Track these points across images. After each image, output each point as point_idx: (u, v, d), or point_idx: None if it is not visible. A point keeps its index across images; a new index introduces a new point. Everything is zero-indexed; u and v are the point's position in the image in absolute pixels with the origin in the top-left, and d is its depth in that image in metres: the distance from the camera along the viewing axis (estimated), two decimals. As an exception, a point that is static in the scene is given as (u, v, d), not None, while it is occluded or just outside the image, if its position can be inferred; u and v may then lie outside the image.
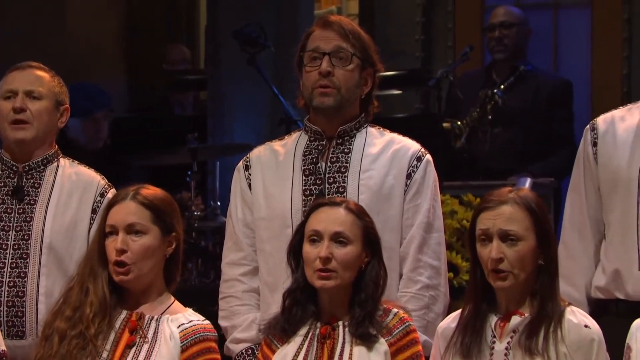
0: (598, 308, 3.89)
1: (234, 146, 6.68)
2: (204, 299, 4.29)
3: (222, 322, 3.85)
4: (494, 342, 3.42)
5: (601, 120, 3.95)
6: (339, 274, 3.43)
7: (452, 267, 5.49)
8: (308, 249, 3.47)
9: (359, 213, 3.49)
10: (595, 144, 3.91)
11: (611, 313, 3.83)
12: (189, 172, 6.47)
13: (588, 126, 3.96)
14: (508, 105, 6.91)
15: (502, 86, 6.96)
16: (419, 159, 3.82)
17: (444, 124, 6.92)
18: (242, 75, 6.73)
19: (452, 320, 3.53)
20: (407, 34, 8.28)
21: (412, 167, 3.80)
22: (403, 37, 8.28)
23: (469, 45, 7.21)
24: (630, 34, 7.71)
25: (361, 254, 3.47)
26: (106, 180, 4.10)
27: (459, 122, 6.91)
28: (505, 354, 3.39)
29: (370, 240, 3.48)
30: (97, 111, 6.72)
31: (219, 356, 3.61)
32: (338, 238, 3.45)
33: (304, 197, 3.77)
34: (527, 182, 6.26)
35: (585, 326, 3.39)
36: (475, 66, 7.58)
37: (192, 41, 8.64)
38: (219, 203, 6.55)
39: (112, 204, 3.61)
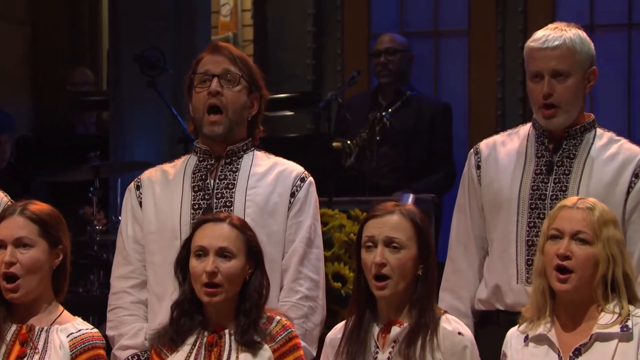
0: (482, 319, 3.91)
1: (135, 163, 6.61)
2: (105, 309, 4.22)
3: (110, 332, 3.81)
4: (377, 353, 3.43)
5: (484, 144, 3.98)
6: (225, 287, 3.42)
7: (340, 278, 5.50)
8: (194, 264, 3.45)
9: (242, 227, 3.49)
10: (478, 167, 3.95)
11: (493, 323, 3.87)
12: (91, 188, 6.42)
13: (472, 150, 3.99)
14: (394, 127, 6.96)
15: (389, 109, 7.01)
16: (303, 179, 3.83)
17: (335, 144, 6.95)
18: (143, 97, 6.67)
19: (338, 330, 3.53)
20: (299, 59, 8.30)
21: (296, 186, 3.81)
22: (295, 62, 8.30)
23: (356, 70, 7.26)
24: (504, 61, 7.82)
25: (245, 266, 3.46)
26: (9, 197, 4.03)
27: (349, 142, 6.95)
28: (388, 364, 3.40)
29: (253, 252, 3.48)
30: (1, 135, 6.64)
31: None
32: (223, 253, 3.44)
33: (192, 211, 3.76)
34: (410, 197, 6.30)
35: (459, 333, 3.41)
36: (362, 89, 7.63)
37: (95, 64, 8.56)
38: (120, 217, 6.47)
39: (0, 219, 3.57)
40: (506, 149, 3.93)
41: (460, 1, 8.04)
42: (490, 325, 3.87)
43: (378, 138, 6.96)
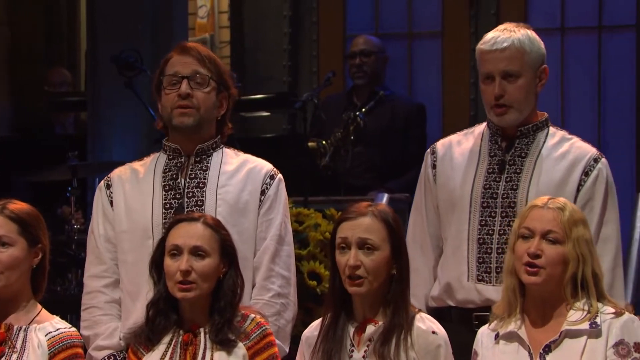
0: (434, 316, 3.90)
1: (113, 163, 6.57)
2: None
3: (85, 332, 3.77)
4: (352, 351, 3.42)
5: (440, 144, 4.00)
6: (199, 285, 3.41)
7: (315, 276, 5.50)
8: (169, 263, 3.44)
9: (216, 227, 3.48)
10: (434, 167, 3.95)
11: (446, 320, 3.86)
12: (69, 188, 6.40)
13: (429, 150, 4.00)
14: (368, 127, 6.98)
15: (363, 109, 7.03)
16: (272, 177, 3.81)
17: (310, 143, 6.96)
18: (120, 97, 6.65)
19: (314, 328, 3.52)
20: (275, 60, 8.31)
21: (266, 184, 3.79)
22: (271, 63, 8.31)
23: (331, 71, 7.28)
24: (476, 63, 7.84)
25: (219, 265, 3.45)
26: (-12, 197, 4.00)
27: (324, 142, 6.96)
28: (363, 362, 3.40)
29: (227, 251, 3.47)
30: None
31: None
32: (197, 252, 3.43)
33: (164, 211, 3.74)
34: (385, 197, 6.32)
35: (433, 332, 3.41)
36: (338, 90, 7.64)
37: (73, 65, 8.54)
38: (91, 217, 6.46)
39: None
40: (461, 148, 3.94)
41: (434, 4, 8.07)
42: (443, 322, 3.86)
43: (352, 138, 6.97)
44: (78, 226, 6.41)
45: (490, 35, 3.85)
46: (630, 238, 6.12)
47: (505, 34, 3.82)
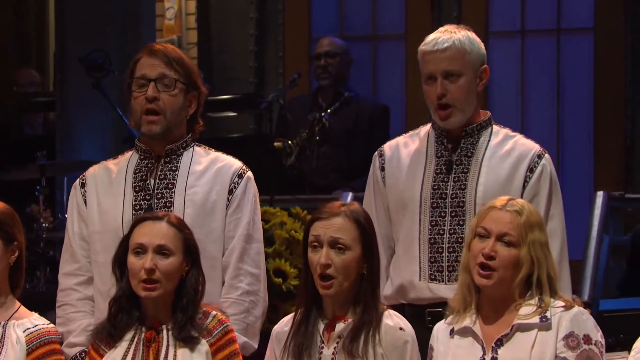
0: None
1: (81, 163, 6.59)
2: (51, 303, 4.23)
3: (59, 328, 3.77)
4: (322, 347, 3.44)
5: (387, 147, 4.00)
6: (163, 283, 3.42)
7: (281, 274, 5.52)
8: (133, 261, 3.44)
9: (180, 226, 3.49)
10: (383, 169, 3.96)
11: None
12: (38, 187, 6.40)
13: (376, 152, 4.00)
14: (333, 127, 7.01)
15: (328, 110, 7.06)
16: (240, 175, 3.81)
17: (276, 143, 6.98)
18: (89, 98, 6.65)
19: (285, 324, 3.53)
20: (241, 62, 8.34)
21: (234, 183, 3.80)
22: (238, 65, 8.34)
23: (297, 72, 7.31)
24: (439, 64, 7.89)
25: (182, 263, 3.46)
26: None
27: (290, 142, 6.98)
28: (332, 359, 3.42)
29: (189, 250, 3.48)
30: None
31: (63, 357, 3.61)
32: (161, 250, 3.44)
33: (134, 212, 3.74)
34: (349, 196, 6.35)
35: (400, 329, 3.43)
36: (303, 91, 7.67)
37: (42, 66, 8.52)
38: (67, 216, 6.46)
39: None
40: (408, 150, 3.95)
41: (397, 7, 8.12)
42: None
43: (317, 138, 7.00)
44: (46, 225, 6.40)
45: (431, 36, 3.87)
46: (587, 236, 6.20)
47: (445, 35, 3.85)
